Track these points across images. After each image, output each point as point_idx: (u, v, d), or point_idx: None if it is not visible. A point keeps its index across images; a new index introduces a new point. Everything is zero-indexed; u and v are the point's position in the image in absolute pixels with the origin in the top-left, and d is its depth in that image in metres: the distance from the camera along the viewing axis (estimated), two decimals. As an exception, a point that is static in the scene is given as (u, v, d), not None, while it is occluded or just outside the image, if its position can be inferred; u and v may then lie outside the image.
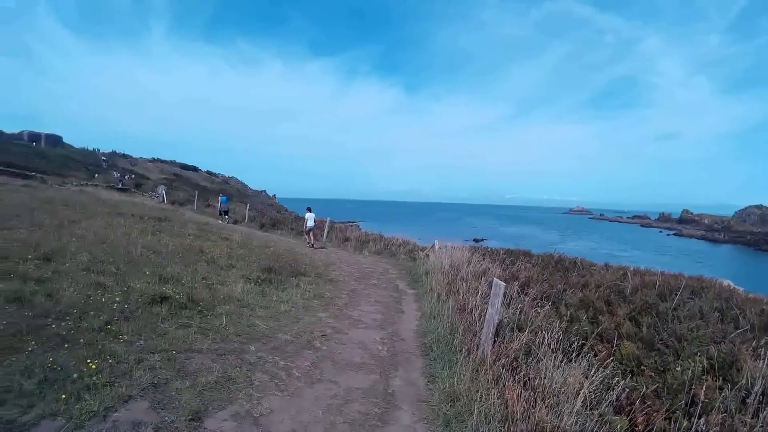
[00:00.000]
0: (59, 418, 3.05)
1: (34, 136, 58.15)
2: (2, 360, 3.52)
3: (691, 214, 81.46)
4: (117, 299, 5.46)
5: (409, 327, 6.17)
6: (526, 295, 6.57)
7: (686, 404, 3.50)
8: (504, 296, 4.42)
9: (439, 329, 5.60)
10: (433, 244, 12.87)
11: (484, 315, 4.74)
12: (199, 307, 5.59)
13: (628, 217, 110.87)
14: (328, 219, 18.26)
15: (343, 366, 4.54)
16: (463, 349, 4.48)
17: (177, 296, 5.66)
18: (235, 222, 20.48)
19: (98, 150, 64.30)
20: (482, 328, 4.53)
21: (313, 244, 14.19)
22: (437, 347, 5.08)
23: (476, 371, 3.91)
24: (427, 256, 11.77)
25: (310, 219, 14.32)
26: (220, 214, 20.17)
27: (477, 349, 4.36)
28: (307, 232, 14.32)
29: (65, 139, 62.48)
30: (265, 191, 69.67)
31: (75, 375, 3.53)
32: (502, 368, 3.79)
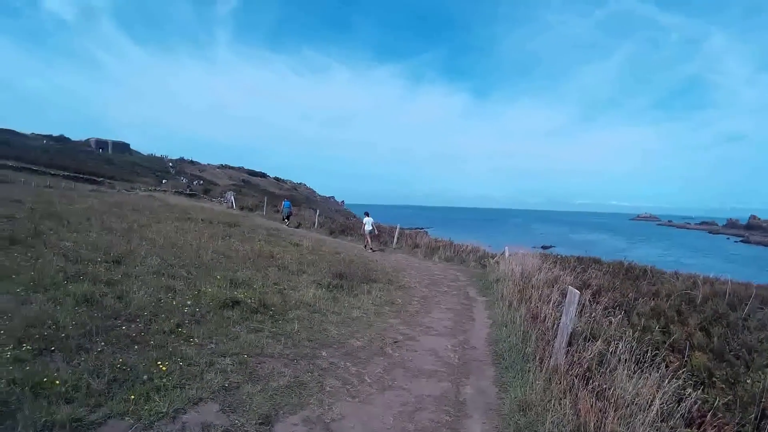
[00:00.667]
0: (127, 417, 4.78)
1: (101, 143, 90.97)
2: (71, 359, 5.59)
3: (759, 220, 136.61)
4: (188, 303, 8.23)
5: (480, 335, 9.29)
6: (597, 303, 10.06)
7: (756, 418, 5.59)
8: (577, 305, 6.67)
9: (511, 337, 8.57)
10: (504, 251, 19.64)
11: (557, 323, 7.26)
12: (271, 312, 8.61)
13: (695, 224, 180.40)
14: (398, 226, 27.16)
15: (415, 373, 6.91)
16: (536, 358, 6.88)
17: (249, 301, 8.68)
18: (297, 226, 31.26)
19: (166, 156, 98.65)
20: (555, 337, 7.00)
21: (372, 248, 23.36)
22: (509, 356, 7.76)
23: (549, 380, 6.01)
24: (497, 263, 17.89)
25: (368, 223, 23.86)
26: (284, 219, 32.22)
27: (550, 358, 6.63)
28: (365, 235, 23.77)
29: (133, 146, 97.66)
30: (333, 197, 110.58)
31: (145, 376, 5.42)
32: (575, 378, 5.89)
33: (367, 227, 23.95)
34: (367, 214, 24.97)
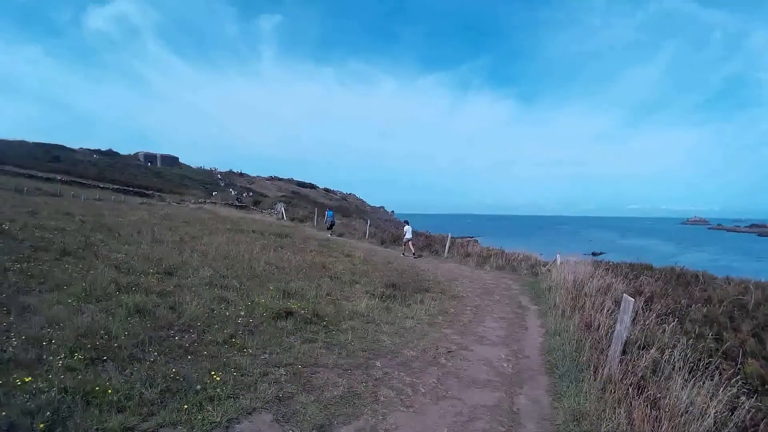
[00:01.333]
0: (180, 427, 4.97)
1: (150, 157, 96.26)
2: (124, 368, 5.86)
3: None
4: (241, 313, 8.67)
5: (533, 344, 9.75)
6: (650, 310, 10.50)
7: (809, 427, 5.99)
8: (631, 312, 7.11)
9: (564, 346, 9.02)
10: (555, 259, 20.63)
11: (611, 332, 7.96)
12: (325, 323, 9.11)
13: (745, 227, 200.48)
14: (449, 235, 28.75)
15: (468, 383, 7.27)
16: (590, 367, 7.36)
17: (302, 311, 9.21)
18: (340, 235, 33.50)
19: (215, 169, 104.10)
20: (609, 345, 7.45)
21: (414, 254, 25.74)
22: (562, 365, 8.15)
23: (603, 390, 6.44)
24: (549, 271, 18.98)
25: (408, 232, 26.46)
26: (327, 228, 34.39)
27: (604, 367, 7.06)
28: (405, 243, 26.40)
29: (182, 160, 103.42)
30: (383, 207, 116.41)
31: (198, 386, 5.67)
32: (629, 387, 6.24)
33: (407, 236, 26.64)
34: (406, 223, 28.05)
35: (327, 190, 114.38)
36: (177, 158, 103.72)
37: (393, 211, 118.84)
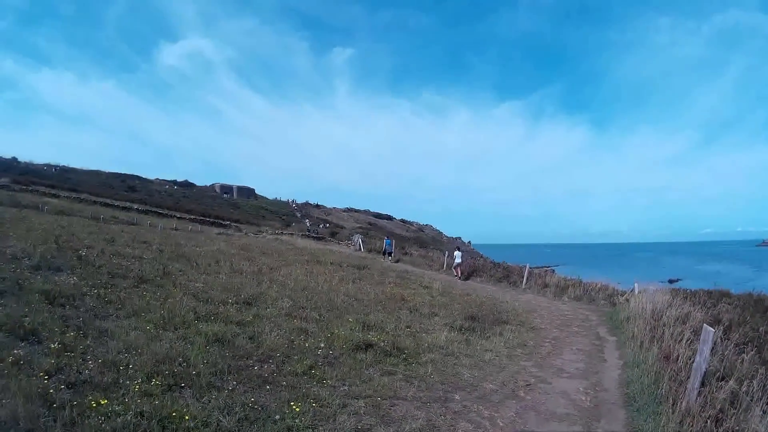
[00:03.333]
0: None
1: (226, 188, 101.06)
2: (201, 396, 6.16)
3: None
4: (321, 345, 9.03)
5: (611, 376, 10.08)
6: (728, 339, 10.89)
7: None
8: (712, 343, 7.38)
9: (642, 378, 9.25)
10: (633, 288, 21.36)
11: (690, 362, 8.25)
12: (404, 355, 9.56)
13: None
14: (527, 265, 29.83)
15: (547, 416, 7.53)
16: (668, 400, 7.56)
17: (381, 343, 9.73)
18: (397, 261, 36.46)
19: (293, 201, 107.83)
20: (688, 377, 7.68)
21: (459, 277, 29.29)
22: (640, 398, 8.39)
23: (681, 423, 6.73)
24: (627, 300, 19.46)
25: (457, 257, 30.97)
26: (384, 254, 38.65)
27: (682, 400, 7.28)
28: (455, 267, 30.45)
29: (258, 191, 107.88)
30: (460, 238, 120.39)
31: (277, 416, 5.92)
32: (707, 420, 6.52)
33: (457, 260, 30.74)
34: (458, 249, 34.50)
35: (403, 221, 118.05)
36: (253, 190, 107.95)
37: (470, 242, 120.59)
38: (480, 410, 7.41)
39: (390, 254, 38.65)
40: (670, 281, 62.25)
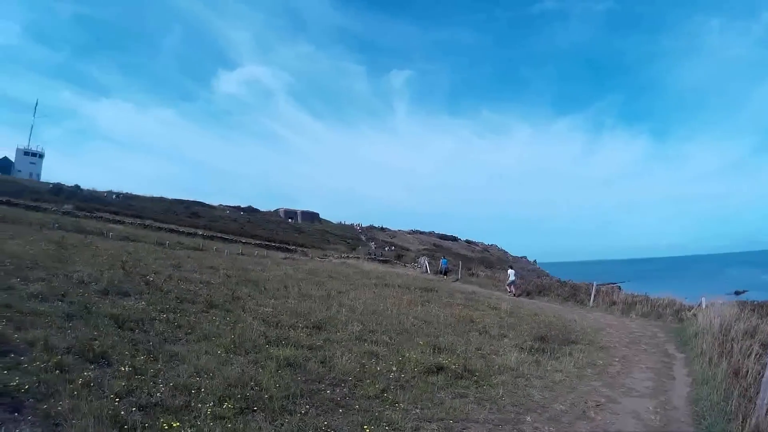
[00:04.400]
0: None
1: (290, 213, 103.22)
2: (274, 419, 6.27)
3: None
4: (392, 368, 9.18)
5: (680, 394, 10.32)
6: None
7: None
8: None
9: (712, 395, 9.46)
10: (700, 302, 22.39)
11: (759, 378, 8.53)
12: (475, 377, 9.82)
13: None
14: (594, 283, 30.95)
15: None
16: (738, 417, 7.83)
17: (452, 366, 10.00)
18: (455, 281, 38.30)
19: (358, 224, 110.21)
20: (757, 393, 7.98)
21: (514, 294, 31.02)
22: (709, 415, 8.55)
23: None
24: (695, 315, 20.12)
25: (511, 275, 33.37)
26: (442, 273, 42.06)
27: (751, 416, 7.54)
28: (509, 285, 32.48)
29: (322, 215, 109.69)
30: (525, 257, 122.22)
31: None
32: None
33: (511, 278, 33.06)
34: (510, 267, 36.77)
35: (468, 242, 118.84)
36: (317, 214, 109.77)
37: (535, 261, 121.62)
38: None
39: (446, 273, 42.28)
40: (737, 293, 62.53)
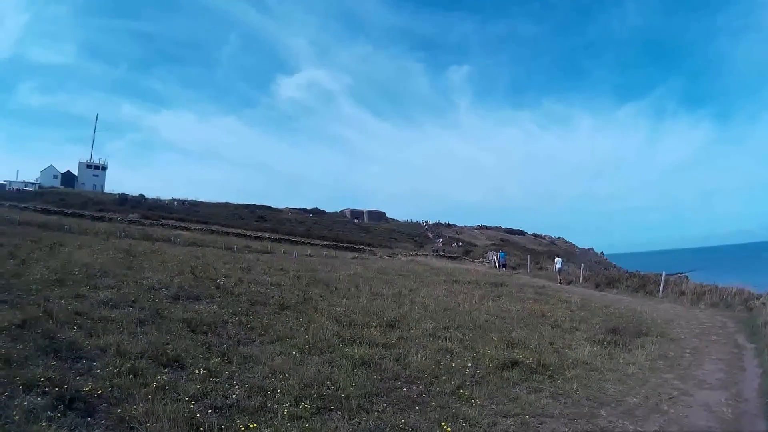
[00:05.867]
0: None
1: (357, 213, 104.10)
2: (351, 418, 6.30)
3: None
4: (468, 364, 9.16)
5: (751, 386, 10.26)
6: None
7: None
8: None
9: None
10: None
11: None
12: (549, 372, 9.87)
13: None
14: (663, 273, 30.45)
15: (690, 430, 7.75)
16: None
17: (527, 361, 10.10)
18: (513, 271, 41.03)
19: (426, 222, 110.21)
20: None
21: (561, 281, 33.33)
22: None
23: None
24: (764, 304, 20.34)
25: (558, 263, 36.47)
26: (499, 266, 45.05)
27: None
28: (558, 272, 35.17)
29: (389, 214, 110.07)
30: (592, 249, 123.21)
31: None
32: None
33: (558, 266, 35.65)
34: (558, 256, 40.41)
35: (535, 236, 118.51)
36: (383, 213, 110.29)
37: (602, 252, 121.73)
38: (625, 425, 7.58)
39: (504, 266, 44.50)
40: None
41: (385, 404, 6.91)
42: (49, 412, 5.10)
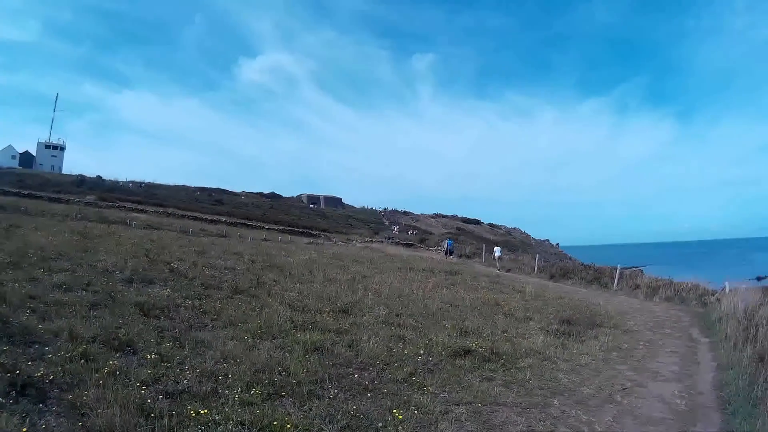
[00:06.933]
0: None
1: (314, 199, 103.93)
2: (303, 404, 6.29)
3: None
4: (420, 351, 9.18)
5: (705, 378, 10.36)
6: None
7: None
8: None
9: (737, 380, 9.51)
10: (724, 287, 22.42)
11: None
12: (502, 360, 9.91)
13: None
14: (618, 266, 30.98)
15: (643, 421, 7.79)
16: (765, 402, 8.01)
17: (480, 349, 10.08)
18: (460, 257, 44.75)
19: (384, 209, 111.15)
20: None
21: (500, 268, 35.08)
22: (735, 400, 8.68)
23: None
24: (718, 300, 20.45)
25: (497, 251, 40.77)
26: (446, 254, 46.15)
27: None
28: (497, 260, 38.64)
29: (345, 200, 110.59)
30: (548, 240, 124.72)
31: (379, 423, 6.00)
32: None
33: (497, 254, 39.39)
34: (496, 244, 44.57)
35: (492, 225, 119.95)
36: (340, 199, 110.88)
37: (558, 244, 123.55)
38: (578, 415, 7.65)
39: (451, 253, 46.45)
40: (759, 278, 60.33)
41: (336, 390, 6.90)
42: (0, 399, 4.96)
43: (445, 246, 49.09)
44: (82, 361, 6.32)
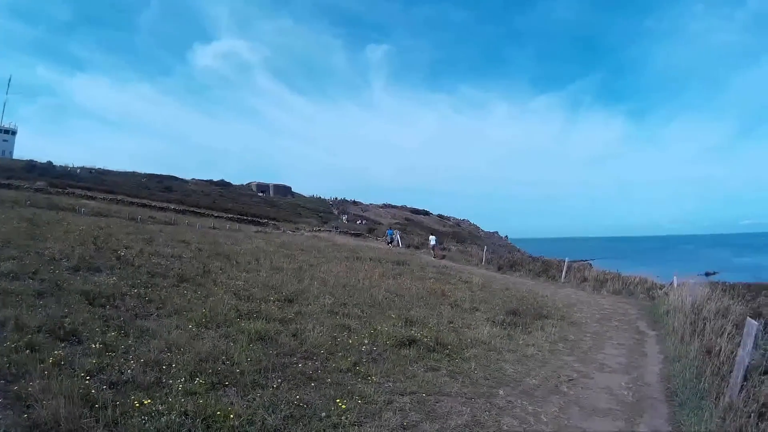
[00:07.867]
0: None
1: (263, 187, 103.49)
2: (246, 394, 6.28)
3: None
4: (364, 341, 9.19)
5: (653, 370, 10.43)
6: None
7: None
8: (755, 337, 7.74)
9: (684, 373, 9.50)
10: (672, 282, 22.31)
11: (732, 356, 8.70)
12: (447, 351, 9.88)
13: None
14: (566, 259, 31.07)
15: (590, 411, 7.84)
16: (711, 394, 7.86)
17: (425, 339, 10.08)
18: (408, 246, 44.80)
19: (334, 198, 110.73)
20: (730, 372, 8.08)
21: (435, 256, 36.28)
22: (682, 392, 8.67)
23: (723, 418, 6.93)
24: (666, 294, 20.59)
25: (432, 240, 42.78)
26: (388, 243, 47.09)
27: (724, 394, 7.55)
28: (432, 248, 40.52)
29: (294, 189, 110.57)
30: (497, 232, 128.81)
31: (323, 413, 6.04)
32: (751, 414, 6.76)
33: (432, 243, 41.02)
34: (432, 233, 46.01)
35: (441, 217, 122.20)
36: (290, 188, 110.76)
37: (507, 236, 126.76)
38: (524, 405, 7.69)
39: (393, 243, 47.35)
40: (707, 274, 63.30)
41: (280, 380, 6.91)
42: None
43: (388, 236, 50.23)
44: (28, 351, 6.20)
